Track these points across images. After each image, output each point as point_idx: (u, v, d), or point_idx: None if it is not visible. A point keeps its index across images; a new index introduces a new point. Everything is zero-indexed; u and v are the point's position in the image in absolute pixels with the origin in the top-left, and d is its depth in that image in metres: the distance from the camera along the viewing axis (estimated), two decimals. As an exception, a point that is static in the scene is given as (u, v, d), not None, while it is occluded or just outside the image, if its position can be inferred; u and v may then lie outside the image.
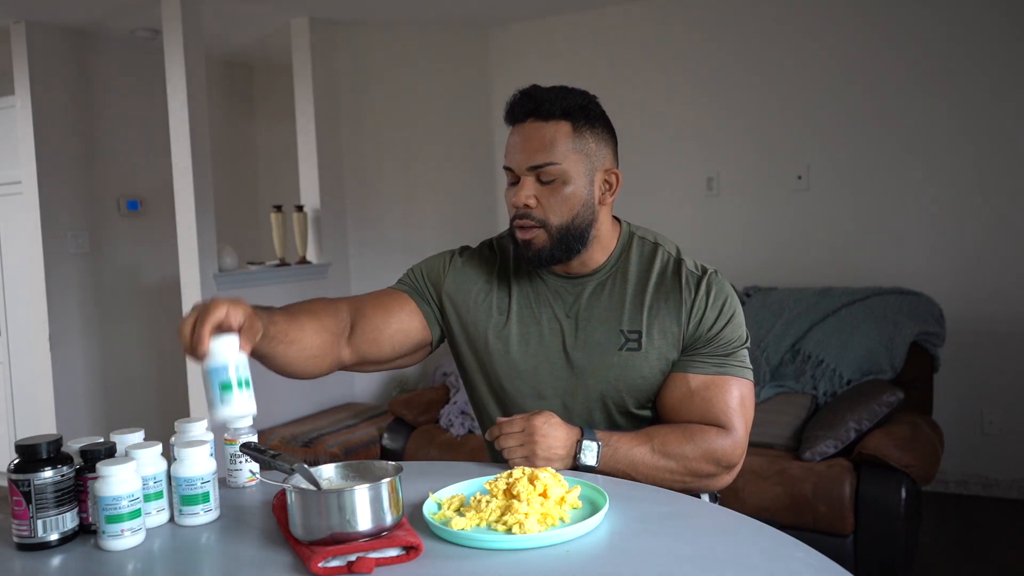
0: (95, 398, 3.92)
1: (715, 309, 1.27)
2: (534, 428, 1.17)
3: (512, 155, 1.27)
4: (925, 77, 3.36)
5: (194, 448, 1.05)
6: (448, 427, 3.18)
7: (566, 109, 1.25)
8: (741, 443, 1.25)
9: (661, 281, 1.30)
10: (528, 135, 1.25)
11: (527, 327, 1.33)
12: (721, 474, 1.25)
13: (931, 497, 3.29)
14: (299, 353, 1.23)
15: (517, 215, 1.27)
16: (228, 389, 0.97)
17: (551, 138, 1.24)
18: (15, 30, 3.64)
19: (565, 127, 1.25)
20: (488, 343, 1.34)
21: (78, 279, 3.85)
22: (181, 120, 3.36)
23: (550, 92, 1.26)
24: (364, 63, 4.12)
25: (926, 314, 2.95)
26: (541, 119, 1.25)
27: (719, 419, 1.25)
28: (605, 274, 1.32)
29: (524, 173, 1.25)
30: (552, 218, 1.25)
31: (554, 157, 1.24)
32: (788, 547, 0.90)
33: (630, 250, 1.34)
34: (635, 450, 1.21)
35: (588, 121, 1.27)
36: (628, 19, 3.91)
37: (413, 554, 0.89)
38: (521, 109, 1.27)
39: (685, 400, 1.26)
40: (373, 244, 4.17)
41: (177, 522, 1.04)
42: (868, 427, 2.52)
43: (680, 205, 3.85)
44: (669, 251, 1.34)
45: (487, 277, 1.38)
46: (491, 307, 1.35)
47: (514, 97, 1.28)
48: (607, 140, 1.30)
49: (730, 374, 1.27)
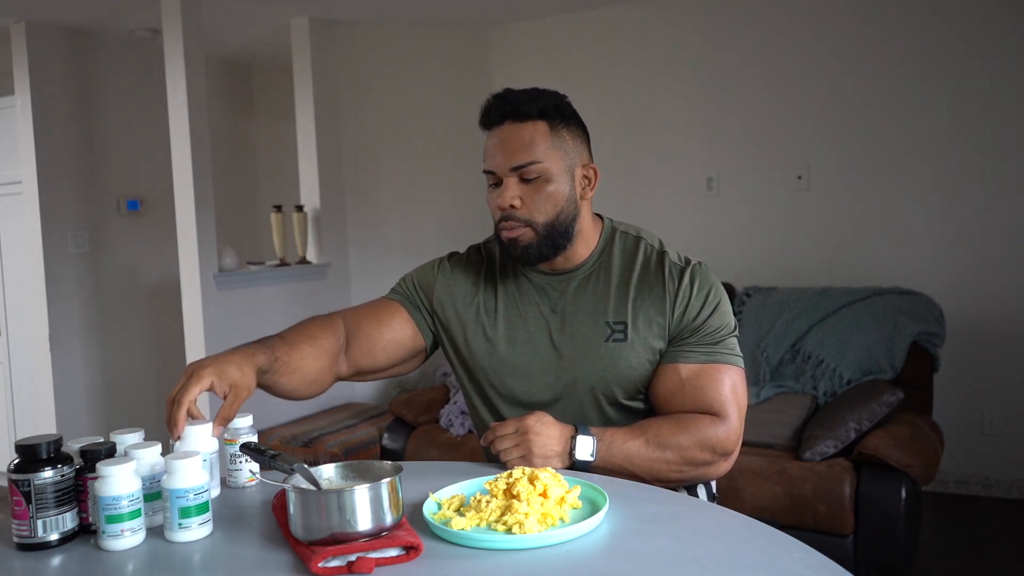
0: (95, 398, 3.92)
1: (700, 299, 1.29)
2: (527, 428, 1.18)
3: (492, 158, 1.29)
4: (925, 76, 3.36)
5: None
6: (448, 427, 3.18)
7: (542, 109, 1.27)
8: (736, 430, 1.26)
9: (645, 273, 1.32)
10: (507, 137, 1.27)
11: (514, 326, 1.35)
12: (718, 462, 1.26)
13: (931, 497, 3.29)
14: (301, 380, 1.28)
15: (502, 217, 1.29)
16: (187, 515, 0.97)
17: (530, 138, 1.26)
18: (15, 30, 3.64)
19: (542, 126, 1.27)
20: (477, 344, 1.37)
21: (78, 279, 3.85)
22: (181, 120, 3.36)
23: (524, 94, 1.29)
24: (364, 63, 4.12)
25: (926, 314, 2.95)
26: (518, 120, 1.27)
27: (712, 407, 1.26)
28: (589, 269, 1.35)
29: (506, 174, 1.27)
30: (537, 216, 1.27)
31: (535, 156, 1.26)
32: (788, 547, 0.90)
33: (613, 244, 1.36)
34: (630, 443, 1.22)
35: (563, 119, 1.30)
36: (628, 19, 3.91)
37: (413, 554, 0.89)
38: (497, 112, 1.29)
39: (676, 390, 1.27)
40: (373, 244, 4.18)
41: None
42: (868, 427, 2.52)
43: (680, 205, 3.85)
44: (652, 243, 1.36)
45: (474, 280, 1.41)
46: (478, 309, 1.38)
47: (488, 102, 1.30)
48: (582, 137, 1.33)
49: (720, 362, 1.28)
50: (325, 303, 3.96)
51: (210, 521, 1.00)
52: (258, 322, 3.65)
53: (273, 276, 3.75)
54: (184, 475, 0.98)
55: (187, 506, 0.97)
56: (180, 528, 0.98)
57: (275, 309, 3.74)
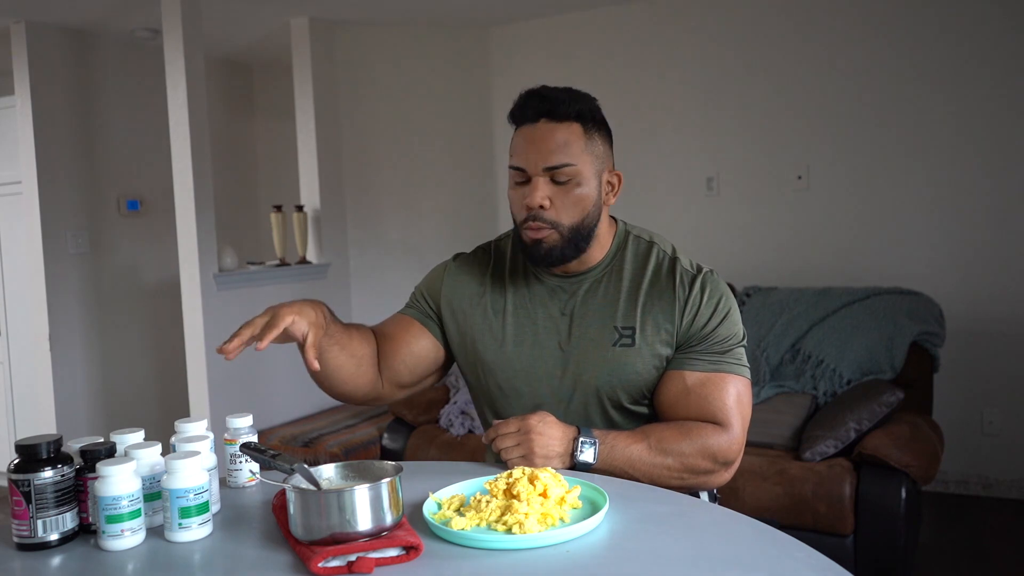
0: (95, 398, 3.92)
1: (709, 307, 1.28)
2: (530, 427, 1.18)
3: (524, 155, 1.26)
4: (925, 76, 3.36)
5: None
6: (448, 427, 3.18)
7: (579, 111, 1.26)
8: (738, 440, 1.26)
9: (656, 279, 1.31)
10: (542, 136, 1.25)
11: (523, 326, 1.34)
12: (719, 471, 1.25)
13: (931, 497, 3.29)
14: (348, 358, 1.32)
15: (529, 216, 1.27)
16: (187, 515, 0.98)
17: (565, 139, 1.25)
18: (15, 30, 3.64)
19: (577, 129, 1.26)
20: (484, 344, 1.36)
21: (78, 279, 3.85)
22: (181, 120, 3.36)
23: (563, 93, 1.27)
24: (364, 63, 4.12)
25: (926, 314, 2.95)
26: (555, 120, 1.26)
27: (716, 416, 1.25)
28: (600, 272, 1.34)
29: (539, 174, 1.25)
30: (564, 219, 1.26)
31: (570, 158, 1.25)
32: (788, 547, 0.90)
33: (625, 248, 1.36)
34: (632, 447, 1.21)
35: (595, 124, 1.29)
36: (628, 19, 3.91)
37: (413, 554, 0.89)
38: (533, 110, 1.27)
39: (681, 397, 1.27)
40: (373, 244, 4.17)
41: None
42: (868, 427, 2.52)
43: (680, 205, 3.85)
44: (664, 250, 1.35)
45: (480, 280, 1.40)
46: (486, 308, 1.37)
47: (523, 97, 1.28)
48: (609, 142, 1.33)
49: (726, 371, 1.27)
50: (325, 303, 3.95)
51: (210, 521, 1.00)
52: (258, 322, 3.65)
53: (273, 276, 3.75)
54: (184, 475, 0.97)
55: (187, 506, 0.97)
56: (180, 528, 0.97)
57: (275, 309, 3.73)
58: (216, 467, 1.10)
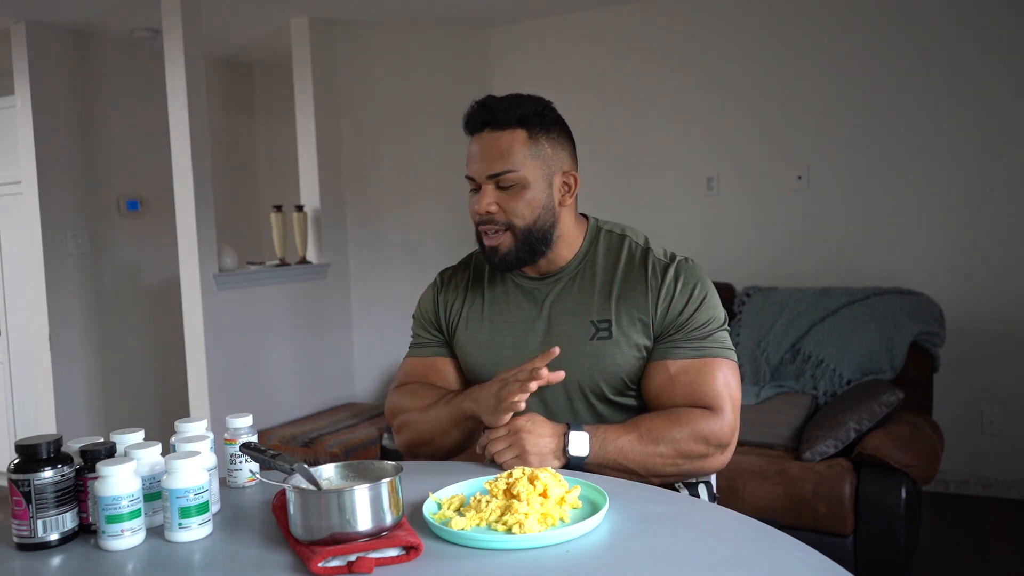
0: (95, 398, 3.92)
1: (685, 294, 1.30)
2: (519, 428, 1.20)
3: (472, 164, 1.33)
4: (925, 75, 3.35)
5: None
6: (448, 427, 3.18)
7: (521, 117, 1.30)
8: (730, 422, 1.27)
9: (628, 270, 1.34)
10: (486, 144, 1.31)
11: (503, 331, 1.37)
12: (714, 454, 1.26)
13: (931, 497, 3.29)
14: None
15: (481, 221, 1.32)
16: (187, 515, 0.98)
17: (507, 146, 1.29)
18: (15, 30, 3.64)
19: (521, 135, 1.30)
20: (470, 350, 1.40)
21: (78, 279, 3.85)
22: (181, 120, 3.36)
23: (504, 101, 1.31)
24: (364, 63, 4.12)
25: (926, 314, 2.95)
26: (497, 128, 1.30)
27: (705, 401, 1.26)
28: (573, 270, 1.37)
29: (484, 181, 1.31)
30: (516, 220, 1.30)
31: (511, 164, 1.29)
32: (788, 547, 0.90)
33: (597, 244, 1.38)
34: (623, 438, 1.23)
35: (544, 127, 1.31)
36: (628, 19, 3.91)
37: (413, 554, 0.89)
38: (477, 119, 1.32)
39: (667, 386, 1.28)
40: (373, 244, 4.17)
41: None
42: (868, 427, 2.52)
43: (680, 205, 3.85)
44: (636, 241, 1.38)
45: (463, 291, 1.45)
46: (468, 317, 1.42)
47: (471, 108, 1.34)
48: (564, 144, 1.35)
49: (710, 356, 1.28)
50: (325, 303, 3.96)
51: (210, 521, 1.00)
52: (258, 322, 3.66)
53: (273, 276, 3.75)
54: (184, 475, 0.98)
55: (187, 506, 0.97)
56: (180, 528, 0.98)
57: (275, 309, 3.74)
58: (216, 467, 1.10)
